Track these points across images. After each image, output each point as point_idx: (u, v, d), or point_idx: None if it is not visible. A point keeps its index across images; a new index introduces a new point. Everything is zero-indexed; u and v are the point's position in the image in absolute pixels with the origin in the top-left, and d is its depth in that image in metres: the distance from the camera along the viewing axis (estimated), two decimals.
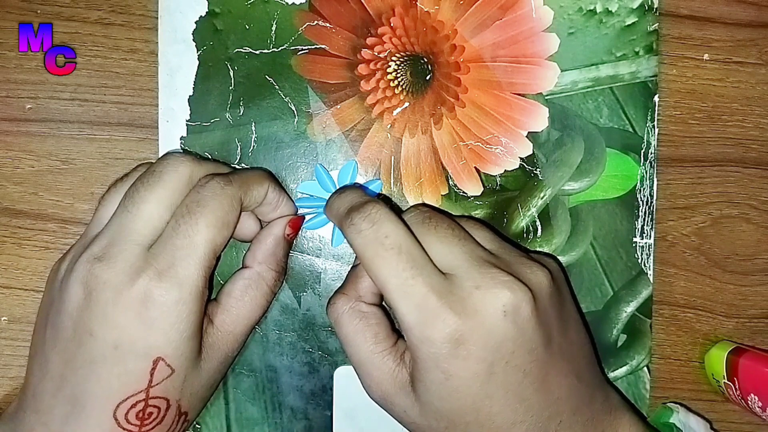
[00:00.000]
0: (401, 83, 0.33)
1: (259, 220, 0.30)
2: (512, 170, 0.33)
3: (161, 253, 0.25)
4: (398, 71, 0.33)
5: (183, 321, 0.25)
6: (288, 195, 0.31)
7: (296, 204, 0.32)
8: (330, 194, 0.30)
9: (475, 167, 0.33)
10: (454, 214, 0.33)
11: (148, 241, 0.25)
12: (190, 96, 0.32)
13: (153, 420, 0.25)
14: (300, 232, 0.33)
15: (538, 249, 0.33)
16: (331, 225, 0.32)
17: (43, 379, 0.25)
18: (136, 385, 0.24)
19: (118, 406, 0.24)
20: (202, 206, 0.25)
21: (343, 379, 0.33)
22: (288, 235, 0.30)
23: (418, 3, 0.32)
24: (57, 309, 0.25)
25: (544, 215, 0.33)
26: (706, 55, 0.34)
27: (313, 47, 0.32)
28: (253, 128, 0.32)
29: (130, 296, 0.24)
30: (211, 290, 0.27)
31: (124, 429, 0.24)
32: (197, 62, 0.32)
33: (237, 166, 0.32)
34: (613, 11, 0.33)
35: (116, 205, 0.26)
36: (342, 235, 0.32)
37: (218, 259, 0.26)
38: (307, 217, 0.32)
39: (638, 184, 0.33)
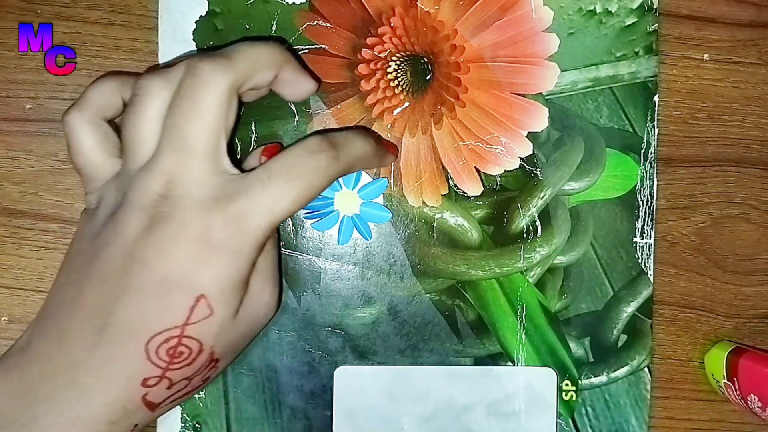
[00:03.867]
0: (401, 83, 0.33)
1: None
2: (512, 170, 0.33)
3: (236, 199, 0.24)
4: (398, 71, 0.33)
5: (236, 269, 0.24)
6: (309, 72, 0.28)
7: None
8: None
9: (475, 167, 0.33)
10: (449, 214, 0.33)
11: (214, 155, 0.24)
12: None
13: (183, 360, 0.24)
14: (300, 232, 0.33)
15: (538, 249, 0.33)
16: (337, 225, 0.33)
17: (72, 311, 0.24)
18: (173, 319, 0.24)
19: (151, 338, 0.23)
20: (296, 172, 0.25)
21: (343, 379, 0.33)
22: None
23: (418, 3, 0.32)
24: (105, 241, 0.24)
25: (544, 215, 0.33)
26: (706, 55, 0.34)
27: (313, 47, 0.32)
28: (253, 128, 0.32)
29: (193, 233, 0.23)
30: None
31: (152, 363, 0.24)
32: None
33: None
34: (613, 11, 0.33)
35: (156, 118, 0.25)
36: (348, 233, 0.32)
37: None
38: (314, 220, 0.32)
39: (638, 184, 0.33)
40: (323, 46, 0.32)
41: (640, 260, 0.33)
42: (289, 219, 0.33)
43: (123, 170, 0.26)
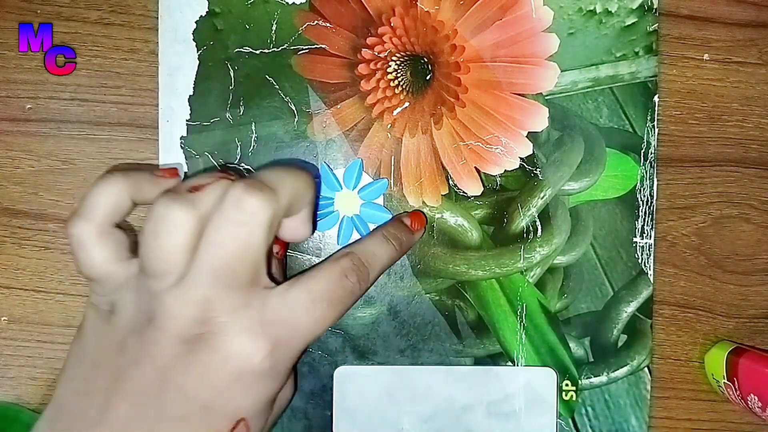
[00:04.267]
0: (401, 83, 0.33)
1: None
2: (512, 170, 0.33)
3: (281, 325, 0.24)
4: (398, 71, 0.33)
5: (274, 390, 0.25)
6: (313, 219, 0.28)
7: None
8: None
9: (475, 167, 0.33)
10: (449, 214, 0.33)
11: (256, 280, 0.24)
12: (190, 96, 0.32)
13: None
14: None
15: (538, 249, 0.33)
16: (337, 225, 0.33)
17: (100, 427, 0.23)
18: None
19: None
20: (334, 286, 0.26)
21: (343, 379, 0.33)
22: (277, 253, 0.29)
23: (418, 3, 0.32)
24: (134, 359, 0.23)
25: (544, 215, 0.33)
26: (706, 55, 0.34)
27: (313, 47, 0.32)
28: (253, 128, 0.32)
29: (235, 363, 0.23)
30: None
31: None
32: (197, 62, 0.32)
33: (238, 167, 0.32)
34: (613, 11, 0.33)
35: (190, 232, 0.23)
36: (348, 233, 0.32)
37: None
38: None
39: (638, 184, 0.33)
40: (323, 46, 0.32)
41: (640, 260, 0.33)
42: None
43: (142, 282, 0.24)
